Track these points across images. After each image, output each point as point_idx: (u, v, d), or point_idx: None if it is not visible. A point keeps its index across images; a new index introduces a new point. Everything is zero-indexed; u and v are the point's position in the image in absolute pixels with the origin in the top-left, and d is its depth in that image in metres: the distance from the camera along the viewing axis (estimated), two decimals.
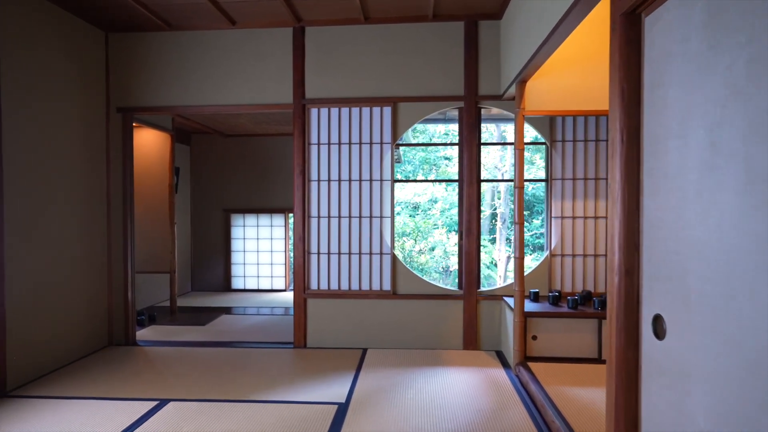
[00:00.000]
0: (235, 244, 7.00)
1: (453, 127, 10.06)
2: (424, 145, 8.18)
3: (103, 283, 4.17)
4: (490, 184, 10.83)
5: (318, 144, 4.13)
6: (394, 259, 4.09)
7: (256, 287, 6.99)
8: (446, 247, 9.71)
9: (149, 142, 5.28)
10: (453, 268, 10.02)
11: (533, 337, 3.49)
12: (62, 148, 3.69)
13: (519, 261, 3.42)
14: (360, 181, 4.11)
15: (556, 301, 3.65)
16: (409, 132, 4.00)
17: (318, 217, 4.13)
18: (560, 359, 3.46)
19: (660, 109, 1.48)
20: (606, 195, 3.91)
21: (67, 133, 3.74)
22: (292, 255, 7.60)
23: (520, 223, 3.43)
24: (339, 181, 4.12)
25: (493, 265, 9.80)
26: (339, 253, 4.12)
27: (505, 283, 4.22)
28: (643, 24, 1.59)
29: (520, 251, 3.42)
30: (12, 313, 3.20)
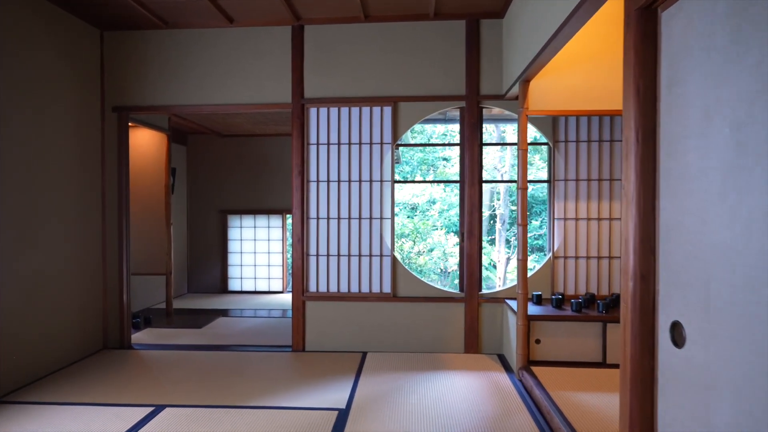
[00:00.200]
0: (232, 246, 6.93)
1: (452, 128, 10.01)
2: (424, 146, 8.11)
3: (98, 285, 4.08)
4: (489, 185, 10.78)
5: (317, 144, 4.06)
6: (395, 261, 4.02)
7: (253, 289, 6.91)
8: (445, 248, 9.64)
9: (145, 142, 5.20)
10: (451, 269, 9.96)
11: (536, 341, 3.43)
12: (56, 148, 3.61)
13: (522, 263, 3.36)
14: (360, 181, 4.04)
15: (559, 304, 3.59)
16: (408, 132, 3.94)
17: (317, 219, 4.06)
18: (564, 363, 3.40)
19: (679, 107, 1.42)
20: (610, 196, 3.86)
21: (61, 133, 3.66)
22: (289, 256, 7.52)
23: (524, 224, 3.37)
24: (338, 181, 4.05)
25: (492, 267, 9.74)
26: (338, 255, 4.05)
27: (505, 284, 4.16)
28: (660, 19, 1.53)
29: (524, 253, 3.37)
30: (4, 316, 3.11)
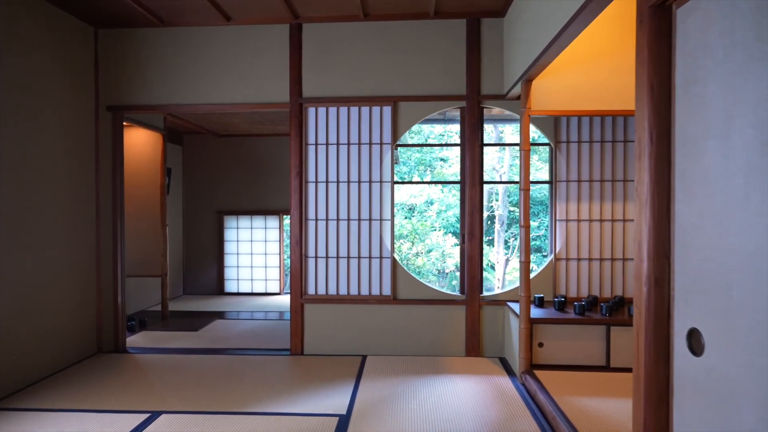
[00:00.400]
0: (229, 247, 6.85)
1: (450, 128, 9.95)
2: (424, 146, 8.05)
3: (92, 288, 4.00)
4: (486, 185, 10.74)
5: (315, 144, 4.00)
6: (395, 263, 3.97)
7: (249, 291, 6.84)
8: (444, 249, 9.58)
9: (140, 142, 5.12)
10: (449, 270, 9.91)
11: (539, 344, 3.38)
12: (49, 148, 3.53)
13: (525, 265, 3.32)
14: (359, 182, 3.98)
15: (562, 306, 3.55)
16: (405, 133, 3.89)
17: (315, 220, 4.00)
18: (567, 367, 3.36)
19: (695, 107, 1.37)
20: (612, 197, 3.82)
21: (53, 132, 3.58)
22: (286, 258, 7.45)
23: (527, 226, 3.33)
24: (337, 182, 3.99)
25: (491, 268, 9.70)
26: (337, 257, 3.99)
27: (504, 286, 4.11)
28: (675, 16, 1.48)
29: (526, 255, 3.32)
30: None
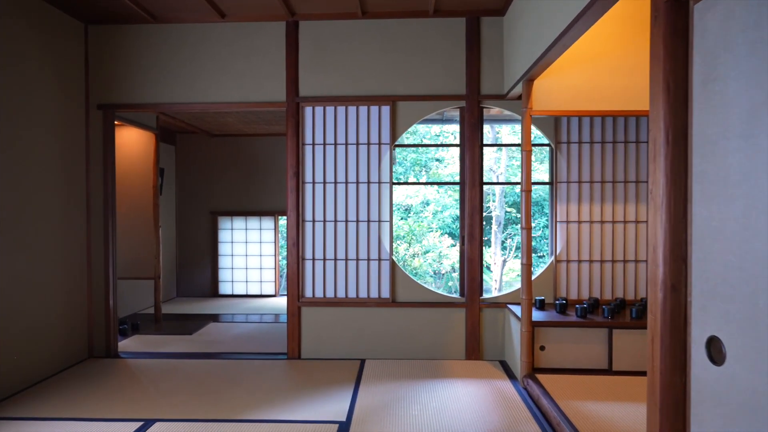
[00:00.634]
0: (223, 248, 6.75)
1: (447, 128, 9.90)
2: (424, 146, 7.96)
3: (83, 290, 3.90)
4: (483, 186, 10.66)
5: (313, 144, 3.93)
6: (394, 265, 3.90)
7: (244, 292, 6.74)
8: (441, 250, 9.52)
9: (132, 142, 5.02)
10: (445, 271, 9.85)
11: (541, 348, 3.33)
12: (37, 147, 3.43)
13: (526, 268, 3.26)
14: (357, 183, 3.92)
15: (563, 309, 3.50)
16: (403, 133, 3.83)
17: (313, 221, 3.93)
18: (568, 371, 3.31)
19: (716, 106, 1.32)
20: (612, 198, 3.78)
21: (42, 132, 3.48)
22: (282, 259, 7.38)
23: (528, 228, 3.27)
24: (335, 183, 3.92)
25: (487, 269, 9.66)
26: (335, 259, 3.92)
27: (501, 287, 4.06)
28: (692, 11, 1.43)
29: (528, 257, 3.27)
30: None
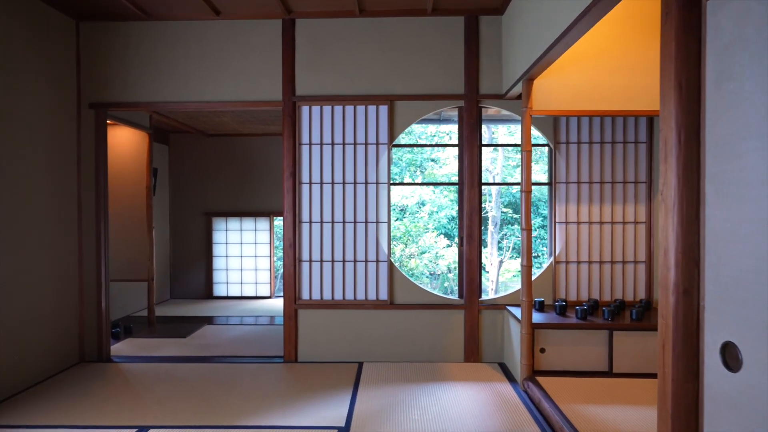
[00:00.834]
0: (217, 249, 6.67)
1: (443, 128, 9.87)
2: (423, 146, 7.91)
3: (74, 293, 3.82)
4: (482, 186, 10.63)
5: (309, 144, 3.87)
6: (391, 267, 3.85)
7: (239, 294, 6.66)
8: (438, 251, 9.48)
9: (125, 141, 4.94)
10: (440, 272, 9.81)
11: (541, 350, 3.30)
12: (27, 147, 3.35)
13: (527, 269, 3.23)
14: (354, 183, 3.86)
15: (563, 311, 3.47)
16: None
17: (309, 222, 3.87)
18: (569, 373, 3.28)
19: (730, 105, 1.28)
20: (612, 199, 3.76)
21: (32, 131, 3.40)
22: (277, 260, 7.30)
23: (528, 229, 3.24)
24: (332, 183, 3.87)
25: (484, 270, 9.64)
26: (332, 261, 3.87)
27: (497, 288, 4.03)
28: (704, 9, 1.39)
29: (528, 259, 3.23)
30: None
